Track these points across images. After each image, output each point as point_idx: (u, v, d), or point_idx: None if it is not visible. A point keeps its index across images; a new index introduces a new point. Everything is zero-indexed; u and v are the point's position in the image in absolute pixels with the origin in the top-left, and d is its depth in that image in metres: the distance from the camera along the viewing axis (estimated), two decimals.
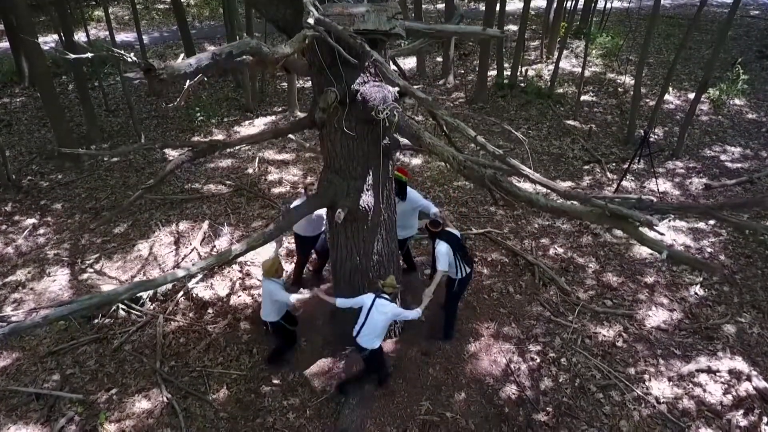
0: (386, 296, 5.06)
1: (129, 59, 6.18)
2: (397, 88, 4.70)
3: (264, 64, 5.97)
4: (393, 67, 5.15)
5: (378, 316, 4.97)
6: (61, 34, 11.25)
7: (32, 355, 6.17)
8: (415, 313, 5.05)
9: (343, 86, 4.46)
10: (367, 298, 5.08)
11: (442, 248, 5.42)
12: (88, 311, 3.68)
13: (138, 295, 6.79)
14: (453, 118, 3.08)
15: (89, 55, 6.31)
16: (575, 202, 3.29)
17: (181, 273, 4.25)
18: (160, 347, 6.16)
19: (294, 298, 5.37)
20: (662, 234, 2.83)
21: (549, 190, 2.99)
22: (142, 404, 5.58)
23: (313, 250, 6.83)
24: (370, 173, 5.05)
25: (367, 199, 5.12)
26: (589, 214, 3.24)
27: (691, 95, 10.85)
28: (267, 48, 3.19)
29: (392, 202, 5.55)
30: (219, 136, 11.01)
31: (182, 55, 6.65)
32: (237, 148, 10.53)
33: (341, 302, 5.15)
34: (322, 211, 6.19)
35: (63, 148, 7.14)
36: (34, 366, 6.04)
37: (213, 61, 2.61)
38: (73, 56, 6.46)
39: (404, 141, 5.18)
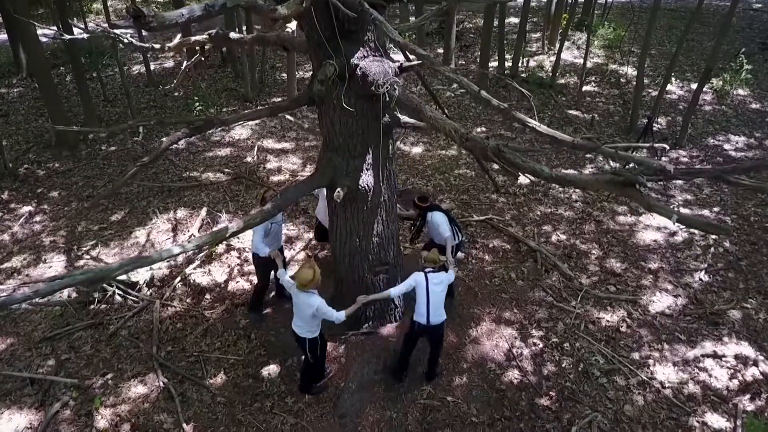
0: (432, 269, 5.02)
1: (126, 40, 6.07)
2: (398, 63, 4.62)
3: (262, 42, 5.89)
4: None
5: (437, 289, 4.94)
6: (60, 25, 11.13)
7: (27, 340, 6.08)
8: (453, 273, 5.21)
9: (342, 60, 4.36)
10: (418, 278, 4.96)
11: (439, 217, 5.54)
12: (81, 286, 3.58)
13: (135, 280, 6.72)
14: (455, 74, 2.98)
15: (85, 35, 6.22)
16: (581, 172, 3.18)
17: (176, 249, 4.15)
18: (157, 332, 6.05)
19: (344, 315, 4.80)
20: (669, 172, 2.70)
21: (556, 143, 2.90)
22: (138, 389, 5.49)
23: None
24: (370, 152, 4.95)
25: (366, 178, 5.02)
26: (595, 182, 3.15)
27: (694, 86, 10.75)
28: (263, 2, 3.09)
29: (393, 182, 5.46)
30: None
31: (179, 36, 6.57)
32: (236, 137, 10.44)
33: (396, 291, 5.05)
34: (279, 224, 5.86)
35: (57, 126, 7.00)
36: (28, 351, 5.94)
37: (206, 11, 2.51)
38: (68, 37, 6.37)
39: (405, 118, 5.08)
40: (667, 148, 2.76)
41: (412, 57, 4.62)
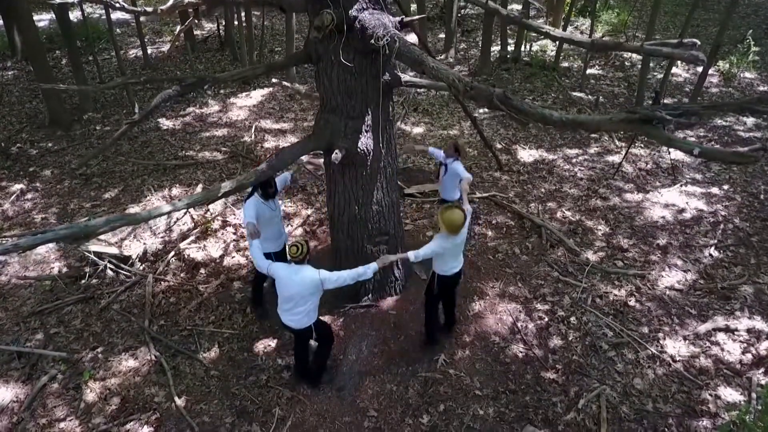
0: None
1: (117, 4, 5.82)
2: (399, 18, 4.41)
3: (257, 2, 5.68)
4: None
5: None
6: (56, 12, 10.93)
7: (15, 315, 5.89)
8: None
9: (341, 12, 4.16)
10: (455, 165, 5.64)
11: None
12: (64, 242, 3.39)
13: (127, 254, 6.53)
14: None
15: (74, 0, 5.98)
16: (593, 114, 2.98)
17: (167, 208, 3.97)
18: (149, 306, 5.86)
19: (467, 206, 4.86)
20: (703, 61, 2.50)
21: (573, 45, 2.68)
22: (129, 363, 5.30)
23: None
24: (369, 112, 4.75)
25: (365, 141, 4.82)
26: (608, 122, 2.95)
27: (700, 68, 10.52)
28: None
29: (393, 147, 5.25)
30: (215, 107, 10.71)
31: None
32: (233, 117, 10.25)
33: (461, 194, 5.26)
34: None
35: (44, 85, 6.79)
36: (16, 326, 5.75)
37: None
38: (58, 1, 6.15)
39: (405, 77, 4.88)
40: (698, 43, 2.54)
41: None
